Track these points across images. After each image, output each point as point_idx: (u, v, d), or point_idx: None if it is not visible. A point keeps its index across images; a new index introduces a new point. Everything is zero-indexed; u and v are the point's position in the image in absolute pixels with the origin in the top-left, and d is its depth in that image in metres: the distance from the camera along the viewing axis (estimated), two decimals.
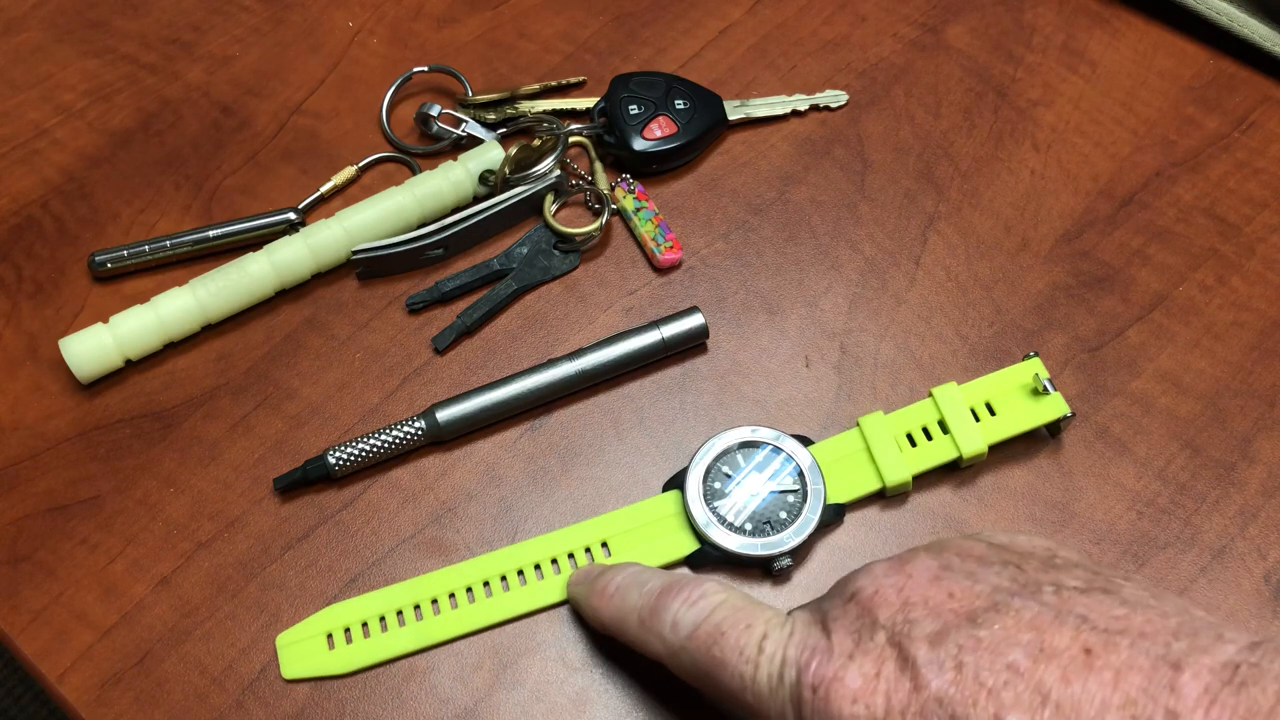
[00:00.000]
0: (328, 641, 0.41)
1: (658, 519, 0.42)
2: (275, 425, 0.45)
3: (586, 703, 0.40)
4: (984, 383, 0.43)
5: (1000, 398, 0.43)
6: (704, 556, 0.41)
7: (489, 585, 0.41)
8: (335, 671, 0.40)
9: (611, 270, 0.49)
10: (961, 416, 0.42)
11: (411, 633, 0.41)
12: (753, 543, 0.41)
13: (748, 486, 0.42)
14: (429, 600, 0.41)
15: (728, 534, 0.41)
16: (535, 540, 0.42)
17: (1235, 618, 0.40)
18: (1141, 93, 0.52)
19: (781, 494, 0.42)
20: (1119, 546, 0.42)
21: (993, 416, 0.43)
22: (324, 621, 0.41)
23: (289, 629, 0.41)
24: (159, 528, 0.43)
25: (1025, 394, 0.43)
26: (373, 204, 0.48)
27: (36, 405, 0.46)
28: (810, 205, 0.50)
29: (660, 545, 0.42)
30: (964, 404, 0.43)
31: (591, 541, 0.42)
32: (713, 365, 0.46)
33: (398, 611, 0.41)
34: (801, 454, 0.42)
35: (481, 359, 0.47)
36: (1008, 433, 0.42)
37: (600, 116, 0.51)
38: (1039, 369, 0.43)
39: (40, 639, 0.41)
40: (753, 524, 0.41)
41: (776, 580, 0.42)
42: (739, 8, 0.56)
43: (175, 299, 0.46)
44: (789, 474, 0.42)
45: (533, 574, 0.41)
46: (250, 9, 0.56)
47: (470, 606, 0.41)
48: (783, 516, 0.41)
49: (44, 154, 0.52)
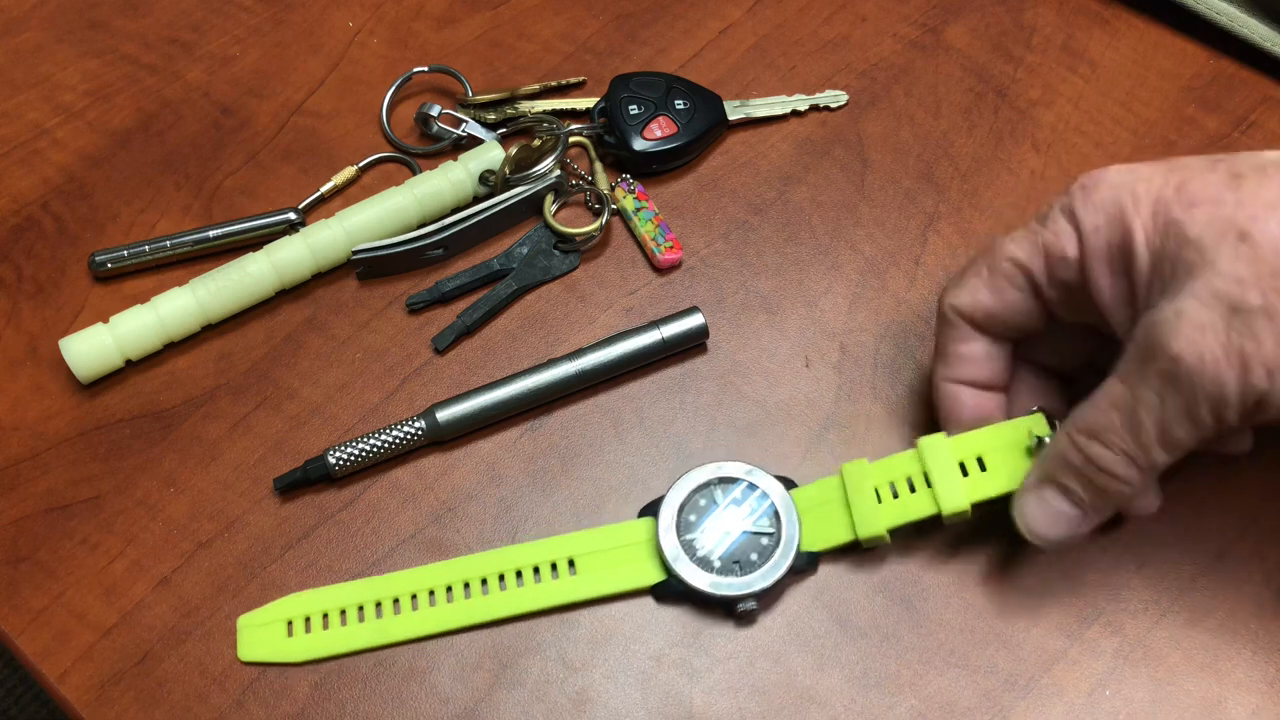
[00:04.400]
0: (288, 628, 0.41)
1: (628, 544, 0.42)
2: (275, 425, 0.45)
3: (586, 703, 0.40)
4: (978, 436, 0.40)
5: (993, 452, 0.40)
6: (668, 588, 0.41)
7: (451, 591, 0.41)
8: (291, 659, 0.40)
9: (611, 270, 0.49)
10: (947, 471, 0.39)
11: (371, 629, 0.41)
12: (720, 581, 0.40)
13: (723, 522, 0.41)
14: (392, 599, 0.41)
15: (695, 570, 0.40)
16: (506, 549, 0.42)
17: (1235, 617, 0.41)
18: (1141, 93, 0.52)
19: (755, 535, 0.41)
20: (1118, 546, 0.42)
21: (983, 472, 0.39)
22: (285, 608, 0.41)
23: (251, 611, 0.41)
24: (159, 528, 0.43)
25: (1020, 451, 0.39)
26: (373, 204, 0.48)
27: (36, 405, 0.46)
28: (810, 205, 0.50)
29: (627, 571, 0.41)
30: (951, 458, 0.39)
31: (559, 557, 0.41)
32: (713, 365, 0.46)
33: (359, 607, 0.41)
34: (780, 496, 0.41)
35: (481, 359, 0.47)
36: (995, 491, 0.39)
37: (600, 116, 0.51)
38: (1038, 426, 0.40)
39: (40, 639, 0.41)
40: (723, 562, 0.40)
41: (740, 622, 0.41)
42: (739, 8, 0.56)
43: (175, 299, 0.46)
44: (765, 515, 0.41)
45: (496, 584, 0.41)
46: (250, 9, 0.56)
47: (431, 609, 0.41)
48: (753, 558, 0.40)
49: (44, 154, 0.52)
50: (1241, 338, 0.33)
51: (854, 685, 0.40)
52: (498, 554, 0.42)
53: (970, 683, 0.40)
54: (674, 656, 0.40)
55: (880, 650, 0.40)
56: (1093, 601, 0.41)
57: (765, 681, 0.40)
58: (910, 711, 0.39)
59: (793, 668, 0.40)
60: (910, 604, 0.41)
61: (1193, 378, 0.33)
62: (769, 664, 0.40)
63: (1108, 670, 0.40)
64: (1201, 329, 0.33)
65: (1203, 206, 0.34)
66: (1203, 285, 0.33)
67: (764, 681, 0.40)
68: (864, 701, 0.40)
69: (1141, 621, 0.41)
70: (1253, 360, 0.33)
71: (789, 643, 0.41)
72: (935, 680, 0.40)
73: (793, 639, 0.41)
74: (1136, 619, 0.41)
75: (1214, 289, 0.33)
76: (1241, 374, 0.33)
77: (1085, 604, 0.41)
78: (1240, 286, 0.33)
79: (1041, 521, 0.38)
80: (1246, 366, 0.33)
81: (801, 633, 0.41)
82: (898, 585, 0.41)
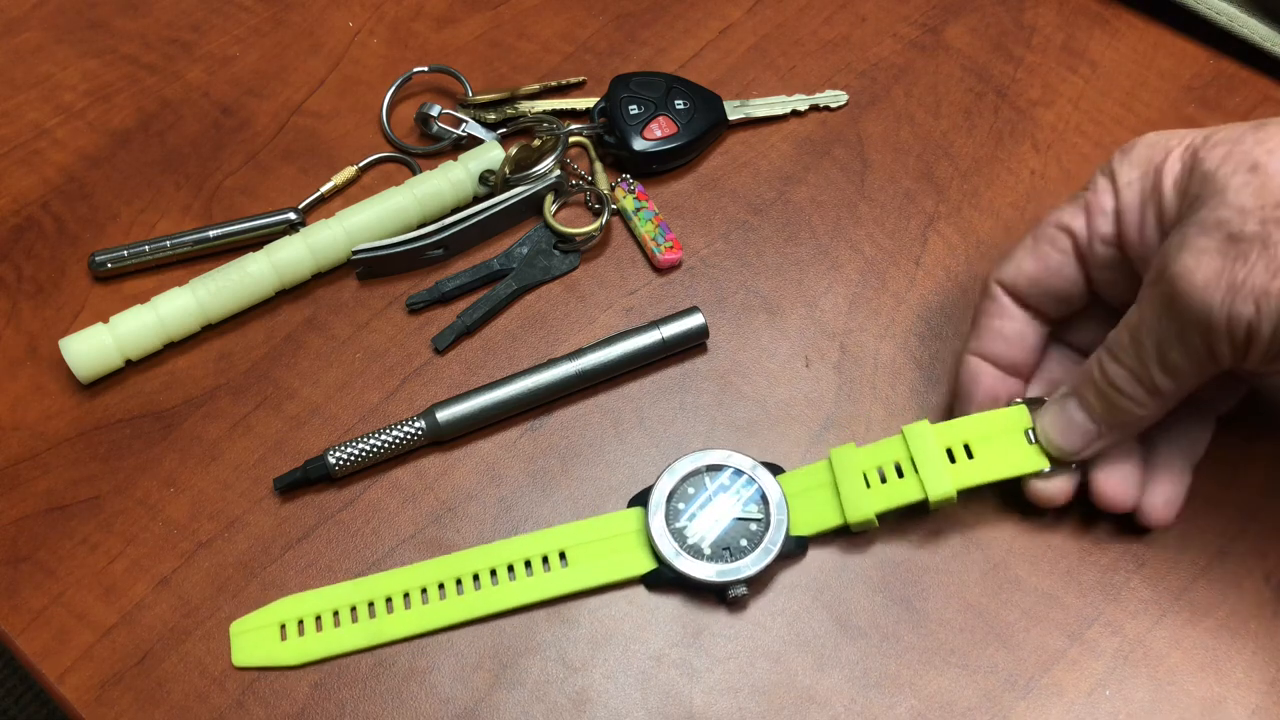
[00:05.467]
0: (281, 632, 0.41)
1: (618, 534, 0.42)
2: (275, 425, 0.45)
3: (586, 703, 0.40)
4: (964, 423, 0.41)
5: (980, 440, 0.41)
6: (659, 577, 0.41)
7: (444, 588, 0.41)
8: (285, 663, 0.40)
9: (611, 270, 0.49)
10: (932, 457, 0.40)
11: (364, 630, 0.41)
12: (710, 568, 0.40)
13: (712, 510, 0.41)
14: (384, 599, 0.41)
15: (685, 557, 0.40)
16: (496, 545, 0.42)
17: (1235, 617, 0.41)
18: (1141, 93, 0.52)
19: (744, 521, 0.41)
20: (1118, 546, 0.42)
21: (970, 460, 0.40)
22: (278, 612, 0.41)
23: (243, 617, 0.41)
24: (159, 528, 0.43)
25: (1007, 439, 0.40)
26: (373, 204, 0.48)
27: (36, 405, 0.46)
28: (810, 205, 0.50)
29: (618, 561, 0.41)
30: (937, 444, 0.40)
31: (549, 550, 0.42)
32: (713, 365, 0.46)
33: (351, 608, 0.41)
34: (768, 482, 0.42)
35: (481, 359, 0.47)
36: (980, 479, 0.40)
37: (600, 116, 0.51)
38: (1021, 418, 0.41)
39: (40, 639, 0.41)
40: (712, 549, 0.41)
41: (731, 608, 0.41)
42: (739, 8, 0.56)
43: (175, 299, 0.46)
44: (753, 501, 0.41)
45: (488, 579, 0.41)
46: (250, 9, 0.56)
47: (424, 608, 0.41)
48: (743, 544, 0.41)
49: (44, 154, 0.52)
50: (1234, 264, 0.33)
51: (854, 685, 0.40)
52: (488, 549, 0.42)
53: (970, 683, 0.40)
54: (674, 656, 0.40)
55: (880, 650, 0.40)
56: (1093, 601, 0.41)
57: (765, 681, 0.40)
58: (910, 711, 0.39)
59: (793, 668, 0.40)
60: (910, 604, 0.41)
61: (1185, 300, 0.34)
62: (769, 664, 0.40)
63: (1108, 670, 0.40)
64: (1198, 254, 0.34)
65: (1223, 145, 0.35)
66: (1208, 212, 0.34)
67: (764, 681, 0.40)
68: (864, 701, 0.40)
69: (1141, 621, 0.41)
70: (1242, 288, 0.33)
71: (789, 643, 0.41)
72: (935, 680, 0.40)
73: (793, 639, 0.41)
74: (1136, 619, 0.41)
75: (1217, 217, 0.34)
76: (1228, 300, 0.33)
77: (1085, 604, 0.41)
78: (1241, 215, 0.33)
79: (1057, 429, 0.40)
80: (1235, 293, 0.33)
81: (801, 633, 0.41)
82: (898, 585, 0.41)
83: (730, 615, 0.41)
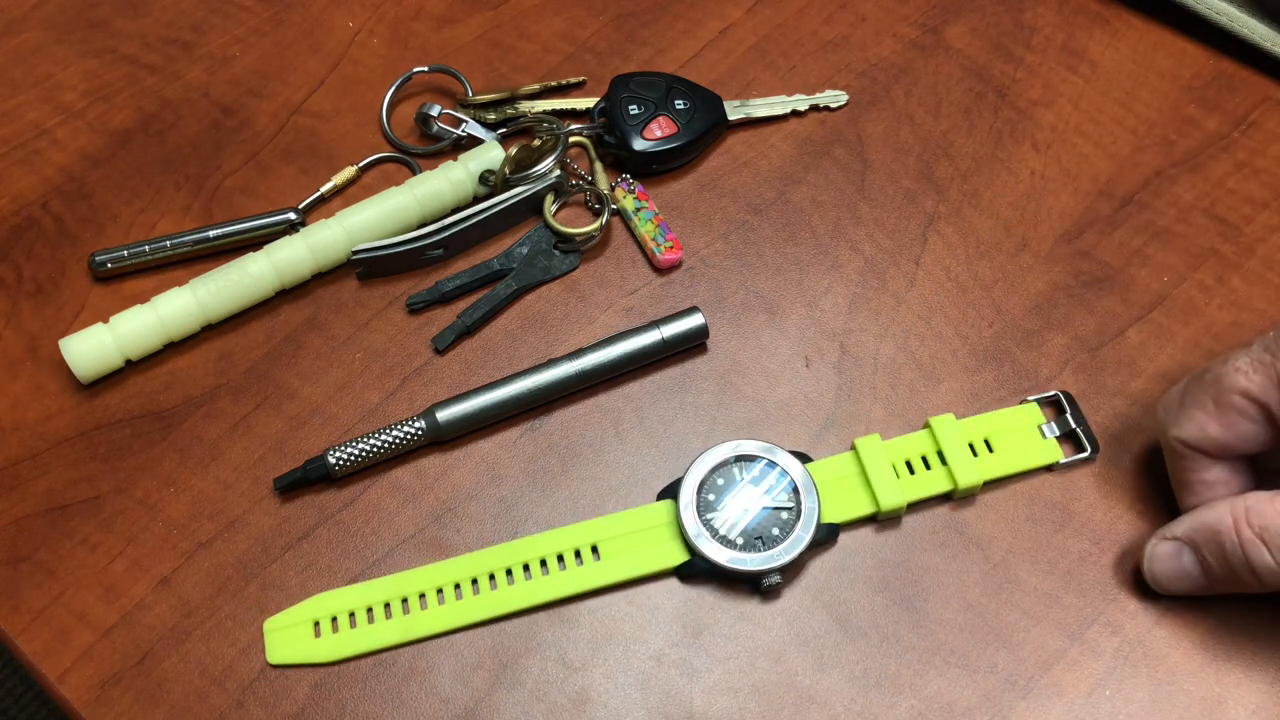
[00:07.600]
0: (314, 629, 0.41)
1: (650, 527, 0.42)
2: (275, 425, 0.45)
3: (586, 703, 0.40)
4: (984, 420, 0.44)
5: (998, 435, 0.43)
6: (693, 568, 0.41)
7: (477, 583, 0.41)
8: (320, 659, 0.40)
9: (611, 270, 0.49)
10: (960, 450, 0.42)
11: (397, 625, 0.41)
12: (743, 557, 0.40)
13: (741, 500, 0.42)
14: (417, 594, 0.41)
15: (718, 547, 0.41)
16: (527, 539, 0.42)
17: (1235, 617, 0.40)
18: (1141, 93, 0.52)
19: (775, 510, 0.41)
20: (1119, 545, 0.42)
21: (990, 453, 0.43)
22: (312, 609, 0.41)
23: (277, 614, 0.41)
24: (159, 528, 0.43)
25: (1022, 435, 0.43)
26: (373, 204, 0.48)
27: (36, 405, 0.46)
28: (810, 205, 0.50)
29: (651, 554, 0.42)
30: (962, 438, 0.43)
31: (583, 544, 0.42)
32: (712, 365, 0.46)
33: (385, 604, 0.41)
34: (798, 471, 0.42)
35: (481, 359, 0.47)
36: (1002, 471, 0.43)
37: (600, 116, 0.51)
38: (1034, 415, 0.44)
39: (40, 639, 0.41)
40: (744, 538, 0.41)
41: (765, 597, 0.41)
42: (739, 8, 0.56)
43: (175, 299, 0.46)
44: (784, 490, 0.42)
45: (520, 574, 0.41)
46: (250, 9, 0.56)
47: (458, 603, 0.41)
48: (775, 533, 0.41)
49: (44, 154, 0.52)
50: None
51: (854, 685, 0.40)
52: (518, 544, 0.42)
53: (970, 683, 0.40)
54: (674, 656, 0.40)
55: (880, 650, 0.40)
56: (1093, 601, 0.41)
57: (765, 681, 0.40)
58: (910, 711, 0.39)
59: (793, 668, 0.40)
60: (910, 604, 0.41)
61: None
62: (769, 664, 0.40)
63: (1108, 670, 0.40)
64: None
65: None
66: None
67: (764, 681, 0.40)
68: (864, 701, 0.40)
69: (1141, 621, 0.41)
70: None
71: (789, 643, 0.41)
72: (935, 680, 0.40)
73: (793, 639, 0.41)
74: (1136, 619, 0.41)
75: None
76: None
77: (1085, 604, 0.41)
78: None
79: (1167, 574, 0.40)
80: None
81: (801, 633, 0.41)
82: (898, 585, 0.41)
83: (730, 615, 0.41)
